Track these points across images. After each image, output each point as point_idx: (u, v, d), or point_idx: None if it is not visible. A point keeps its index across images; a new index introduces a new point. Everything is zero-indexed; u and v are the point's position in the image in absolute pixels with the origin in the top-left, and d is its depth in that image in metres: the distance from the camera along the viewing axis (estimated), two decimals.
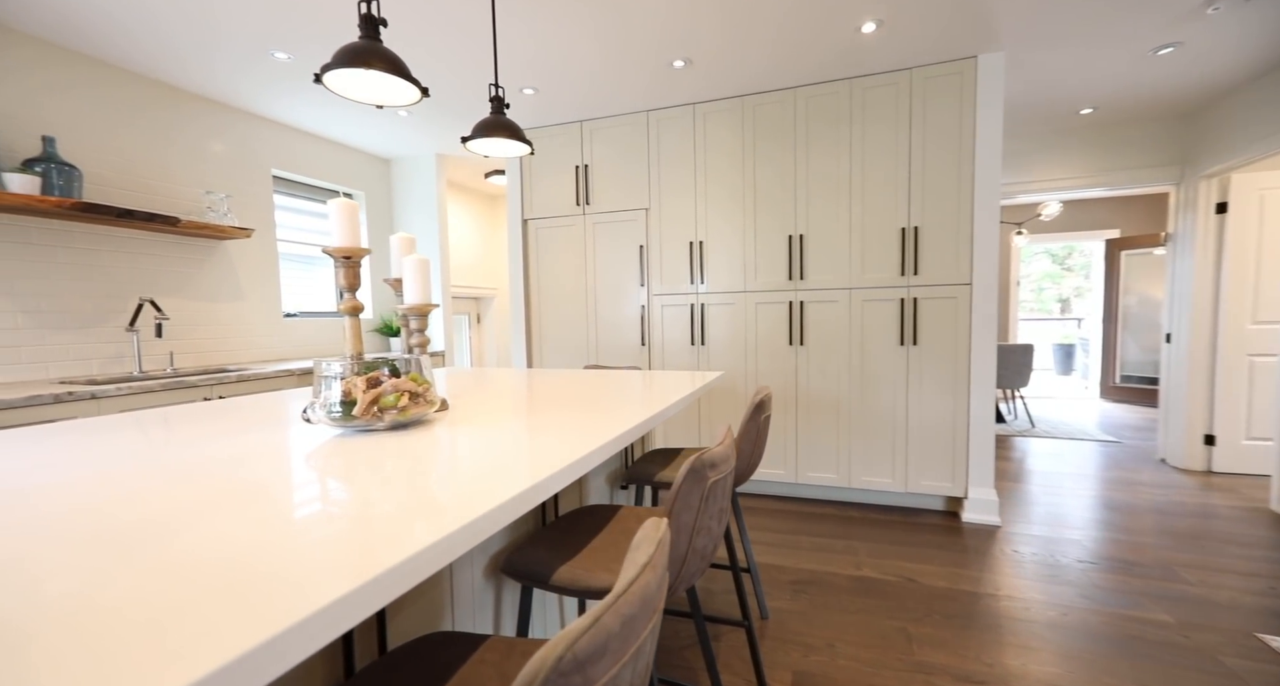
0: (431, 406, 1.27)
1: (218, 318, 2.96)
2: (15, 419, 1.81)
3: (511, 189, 3.44)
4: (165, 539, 0.58)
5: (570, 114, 3.16)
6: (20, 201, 2.04)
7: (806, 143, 2.84)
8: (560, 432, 1.11)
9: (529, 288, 3.45)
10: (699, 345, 3.11)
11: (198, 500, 0.71)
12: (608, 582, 1.03)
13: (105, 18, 2.13)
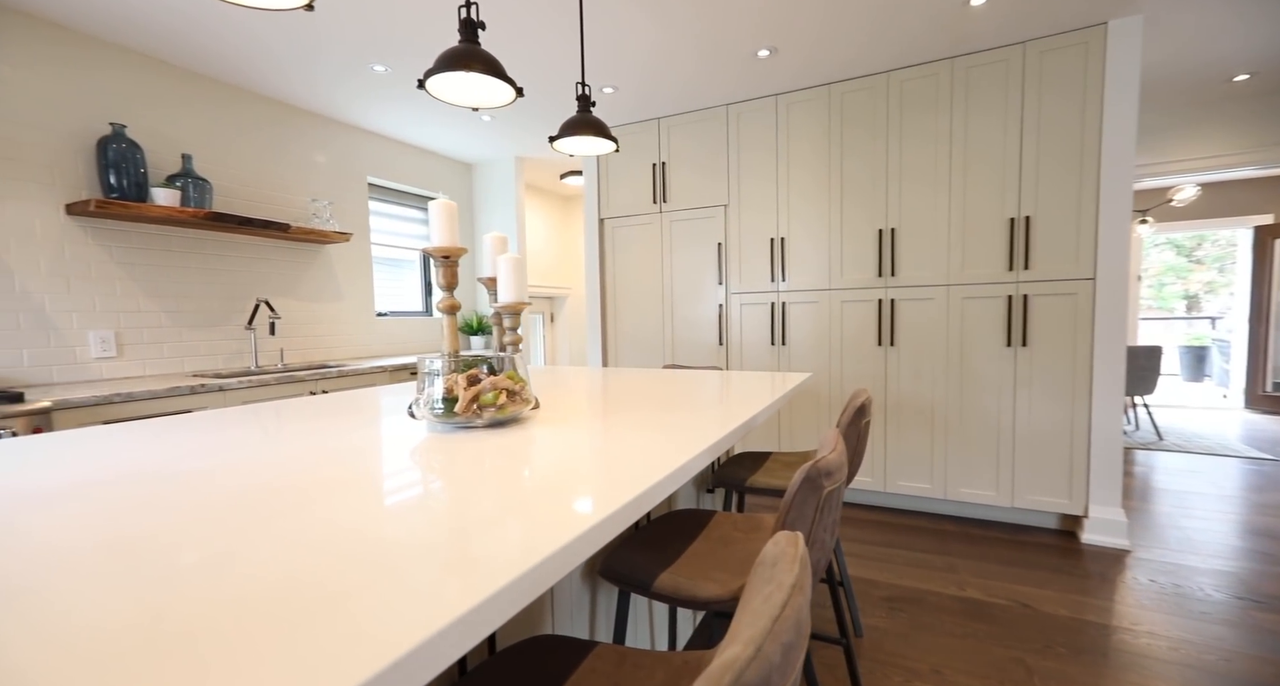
0: (527, 405, 1.27)
1: (320, 317, 3.18)
2: (160, 407, 2.01)
3: (589, 188, 3.47)
4: (360, 528, 0.59)
5: (648, 111, 3.14)
6: (164, 213, 2.26)
7: (900, 130, 2.66)
8: (656, 434, 1.07)
9: (605, 287, 3.47)
10: (779, 345, 2.99)
11: (357, 495, 0.73)
12: (713, 593, 0.99)
13: (228, 46, 2.33)
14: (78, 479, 0.81)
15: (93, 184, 2.27)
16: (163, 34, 2.25)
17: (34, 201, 2.12)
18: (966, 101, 2.53)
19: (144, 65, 2.41)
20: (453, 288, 1.44)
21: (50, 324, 2.17)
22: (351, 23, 2.20)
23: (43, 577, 0.50)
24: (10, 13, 2.05)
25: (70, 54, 2.20)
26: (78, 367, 2.24)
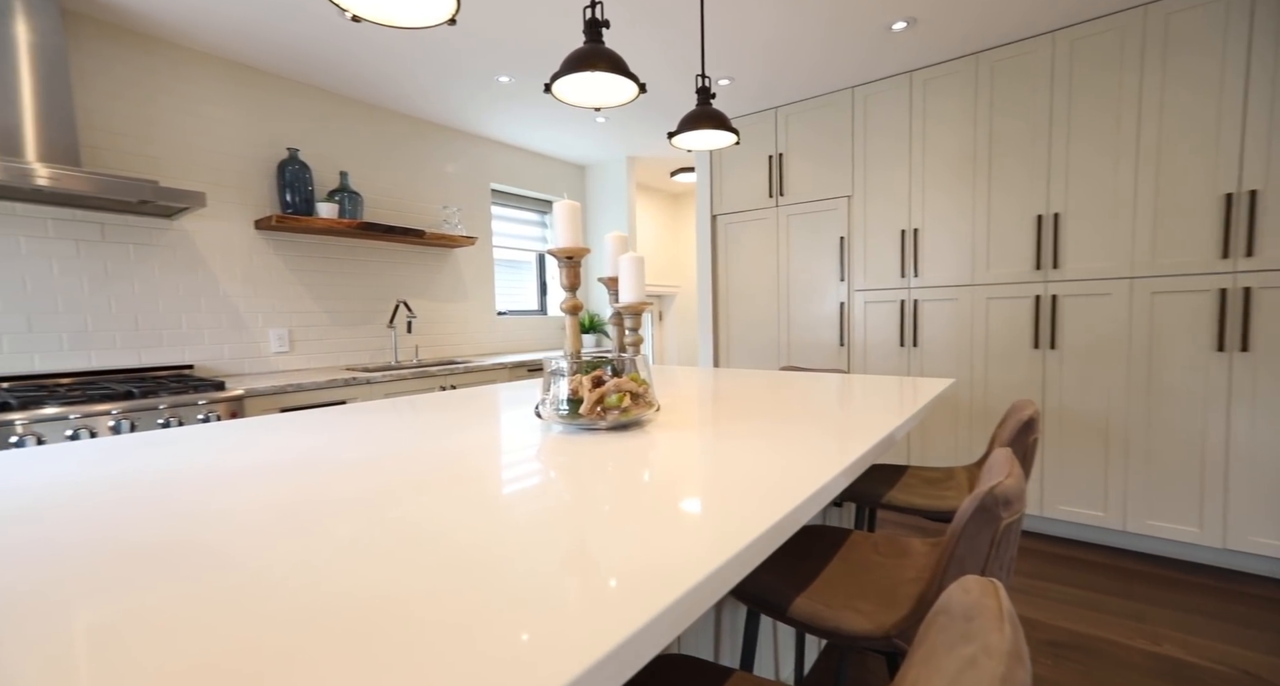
0: (650, 408, 1.24)
1: (448, 315, 3.42)
2: (321, 397, 2.27)
3: (700, 184, 3.40)
4: (493, 539, 0.59)
5: (765, 101, 3.00)
6: (326, 224, 2.55)
7: (1067, 98, 2.28)
8: (789, 444, 0.98)
9: (717, 285, 3.38)
10: (909, 346, 2.72)
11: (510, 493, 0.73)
12: (860, 627, 0.88)
13: (378, 73, 2.56)
14: (262, 462, 0.90)
15: (273, 201, 2.61)
16: (326, 67, 2.53)
17: (232, 219, 2.48)
18: (1164, 55, 2.11)
19: (311, 95, 2.74)
20: (575, 288, 1.44)
21: (242, 323, 2.53)
22: (482, 37, 2.32)
23: (237, 546, 0.54)
24: (213, 60, 2.42)
25: (256, 90, 2.55)
26: (261, 361, 2.60)
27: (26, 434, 1.58)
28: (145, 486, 0.79)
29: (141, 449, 1.02)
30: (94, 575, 0.51)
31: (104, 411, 1.71)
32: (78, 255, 2.10)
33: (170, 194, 1.96)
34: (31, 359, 2.01)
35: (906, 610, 0.91)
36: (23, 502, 0.73)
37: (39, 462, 0.93)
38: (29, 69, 1.82)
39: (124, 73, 2.19)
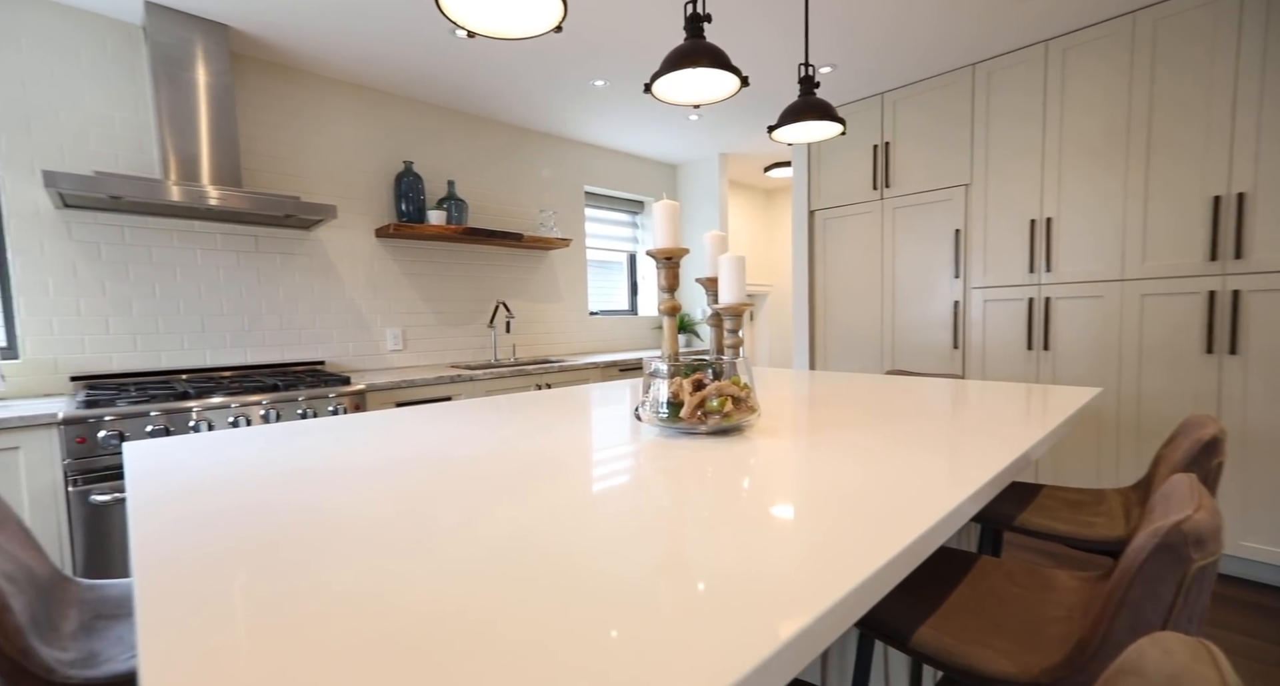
0: (752, 413, 1.19)
1: (542, 316, 3.54)
2: (431, 392, 2.43)
3: (798, 179, 3.26)
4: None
5: (869, 87, 2.81)
6: (436, 231, 2.73)
7: (1261, 49, 1.92)
8: (908, 456, 0.89)
9: (814, 284, 3.23)
10: (1038, 350, 2.43)
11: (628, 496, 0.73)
12: (1000, 669, 0.78)
13: (482, 85, 2.70)
14: (386, 457, 0.96)
15: (390, 211, 2.84)
16: (438, 84, 2.71)
17: (357, 228, 2.73)
18: None
19: (425, 111, 2.94)
20: (674, 289, 1.42)
21: (364, 323, 2.77)
22: (580, 43, 2.36)
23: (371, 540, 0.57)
24: (343, 85, 2.66)
25: (378, 110, 2.78)
26: (378, 358, 2.83)
27: (200, 419, 1.82)
28: (294, 473, 0.87)
29: (293, 437, 1.13)
30: (249, 534, 0.56)
31: (256, 401, 1.93)
32: (238, 264, 2.39)
33: (308, 208, 2.19)
34: (204, 354, 2.33)
35: (1059, 656, 0.79)
36: (222, 475, 0.82)
37: (219, 446, 1.06)
38: (205, 107, 2.10)
39: (273, 103, 2.47)
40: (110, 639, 0.89)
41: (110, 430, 1.67)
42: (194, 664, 0.38)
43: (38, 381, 1.99)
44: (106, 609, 0.96)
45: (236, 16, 2.10)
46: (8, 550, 0.80)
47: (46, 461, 1.62)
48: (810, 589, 0.47)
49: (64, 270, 2.03)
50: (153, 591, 0.49)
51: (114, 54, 2.10)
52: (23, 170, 1.95)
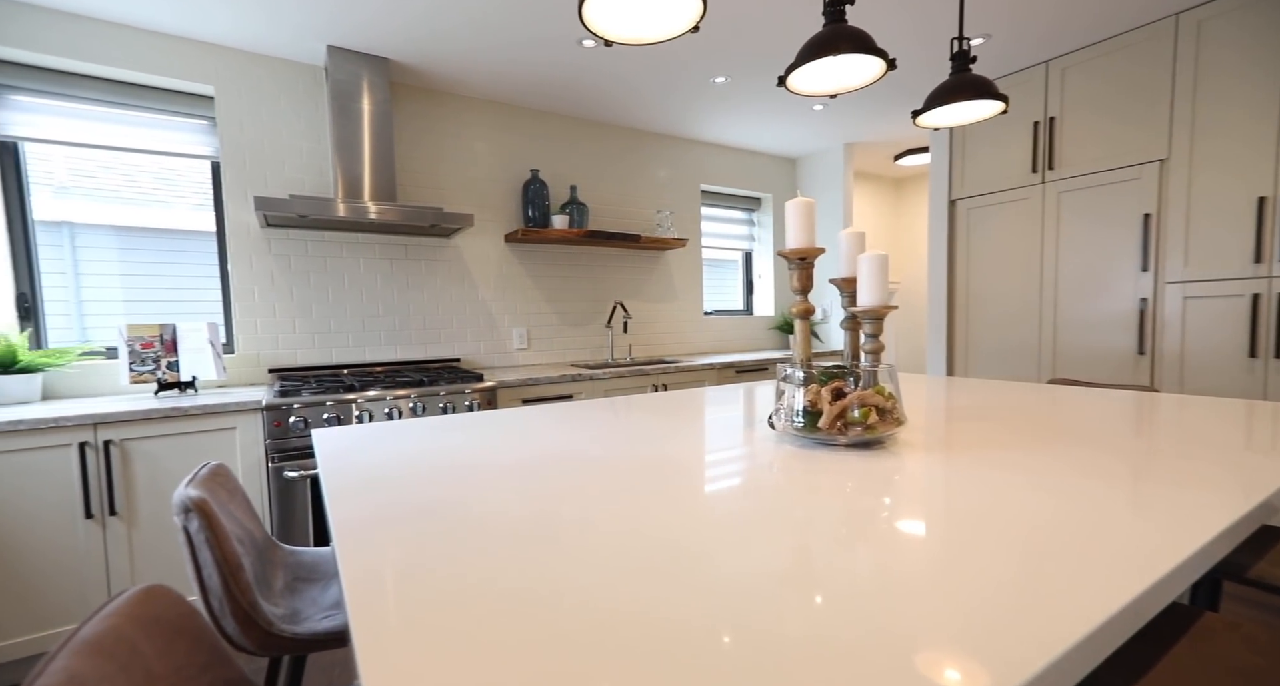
0: (898, 425, 1.09)
1: (658, 316, 3.57)
2: (554, 390, 2.54)
3: (936, 166, 2.97)
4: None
5: (1029, 55, 2.47)
6: (559, 235, 2.86)
7: None
8: (1103, 483, 0.75)
9: (953, 280, 2.92)
10: (1266, 357, 1.98)
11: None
12: None
13: (603, 91, 2.78)
14: (523, 457, 1.01)
15: (518, 217, 3.02)
16: (562, 93, 2.83)
17: (489, 235, 2.94)
18: None
19: (548, 120, 3.09)
20: (807, 291, 1.34)
21: (494, 323, 2.98)
22: (703, 40, 2.34)
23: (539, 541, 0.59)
24: (477, 101, 2.88)
25: (508, 121, 2.97)
26: (506, 356, 3.03)
27: (362, 410, 2.07)
28: (451, 468, 0.94)
29: (445, 432, 1.23)
30: (398, 522, 0.60)
31: (405, 395, 2.15)
32: (391, 271, 2.68)
33: (449, 217, 2.39)
34: (363, 351, 2.64)
35: None
36: (392, 471, 0.92)
37: (384, 438, 1.19)
38: (368, 132, 2.38)
39: (421, 123, 2.73)
40: (307, 600, 1.02)
41: (297, 417, 1.95)
42: (393, 634, 0.43)
43: (247, 372, 2.38)
44: (303, 572, 1.10)
45: (395, 50, 2.34)
46: (238, 518, 0.95)
47: (254, 440, 1.93)
48: (982, 649, 0.41)
49: (265, 279, 2.40)
50: (355, 574, 0.54)
51: (303, 94, 2.44)
52: (238, 197, 2.34)
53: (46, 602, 1.66)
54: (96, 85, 2.14)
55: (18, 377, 1.89)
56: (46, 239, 2.14)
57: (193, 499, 0.81)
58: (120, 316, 2.24)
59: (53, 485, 1.66)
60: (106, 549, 1.73)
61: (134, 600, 0.53)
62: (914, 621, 0.44)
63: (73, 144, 2.13)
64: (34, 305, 2.12)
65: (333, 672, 1.72)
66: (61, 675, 0.42)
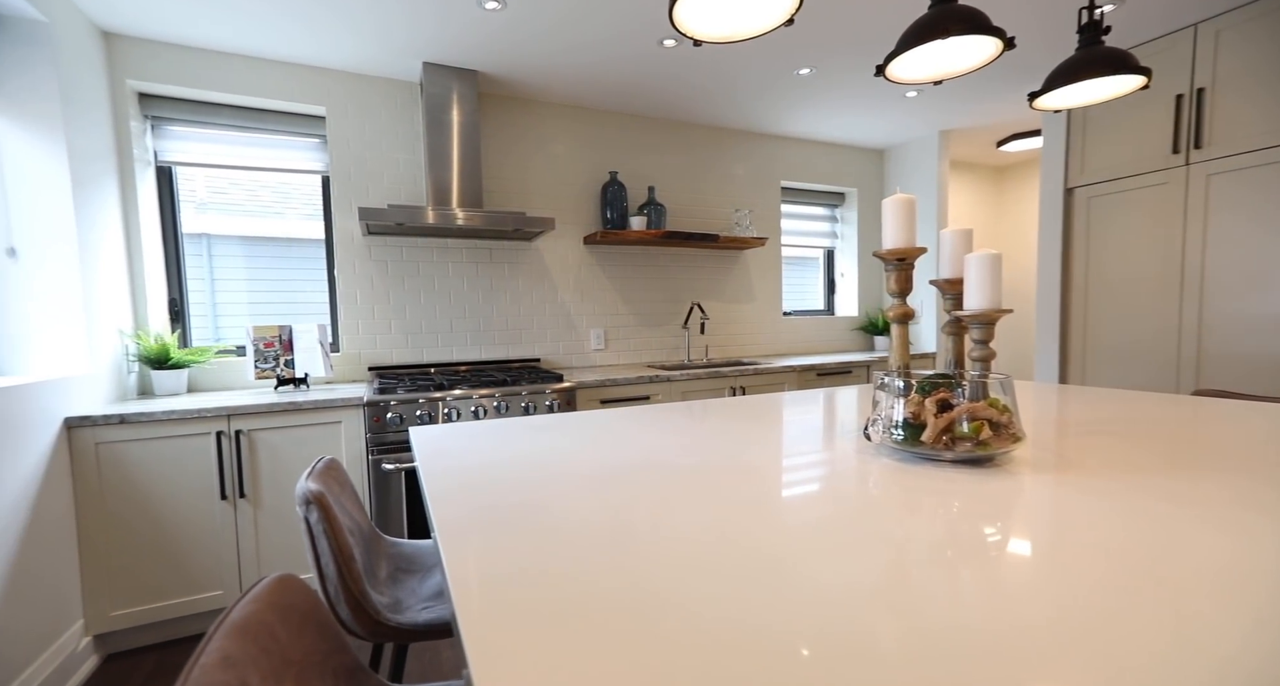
0: (1015, 442, 0.98)
1: (735, 316, 3.50)
2: (630, 392, 2.55)
3: (1049, 151, 2.69)
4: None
5: (1169, 20, 2.17)
6: (637, 236, 2.87)
7: None
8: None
9: (1070, 276, 2.64)
10: None
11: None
12: None
13: (681, 89, 2.75)
14: (608, 461, 1.01)
15: (596, 219, 3.06)
16: (638, 94, 2.83)
17: (568, 237, 3.00)
18: None
19: (626, 122, 3.11)
20: (907, 293, 1.26)
21: (572, 324, 3.04)
22: (789, 32, 2.25)
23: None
24: (558, 107, 2.94)
25: (587, 126, 3.02)
26: (583, 356, 3.08)
27: (450, 408, 2.17)
28: (532, 471, 0.95)
29: (528, 432, 1.26)
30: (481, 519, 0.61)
31: (490, 394, 2.24)
32: (477, 274, 2.81)
33: (531, 221, 2.46)
34: (450, 351, 2.78)
35: None
36: (490, 472, 0.95)
37: (475, 437, 1.24)
38: (457, 142, 2.50)
39: (506, 132, 2.83)
40: (407, 590, 1.08)
41: (394, 413, 2.08)
42: (496, 629, 0.45)
43: (350, 370, 2.57)
44: (403, 563, 1.17)
45: (483, 62, 2.44)
46: (349, 510, 1.02)
47: (356, 434, 2.08)
48: None
49: (366, 283, 2.59)
50: (459, 572, 0.56)
51: (400, 110, 2.61)
52: (344, 208, 2.53)
53: (191, 571, 1.88)
54: (230, 112, 2.39)
55: (170, 372, 2.15)
56: (190, 249, 2.42)
57: (312, 492, 0.87)
58: (245, 318, 2.50)
59: (196, 469, 1.87)
60: (237, 527, 1.93)
61: (271, 588, 0.58)
62: (1033, 666, 0.39)
63: (212, 166, 2.40)
64: (182, 308, 2.40)
65: (424, 659, 1.82)
66: (218, 654, 0.47)
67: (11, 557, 1.49)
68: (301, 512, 0.89)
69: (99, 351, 1.95)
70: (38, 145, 1.79)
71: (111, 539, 1.79)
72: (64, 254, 1.84)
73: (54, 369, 1.83)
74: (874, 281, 3.98)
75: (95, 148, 1.99)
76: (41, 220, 1.81)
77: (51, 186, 1.81)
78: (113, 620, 1.80)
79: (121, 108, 2.16)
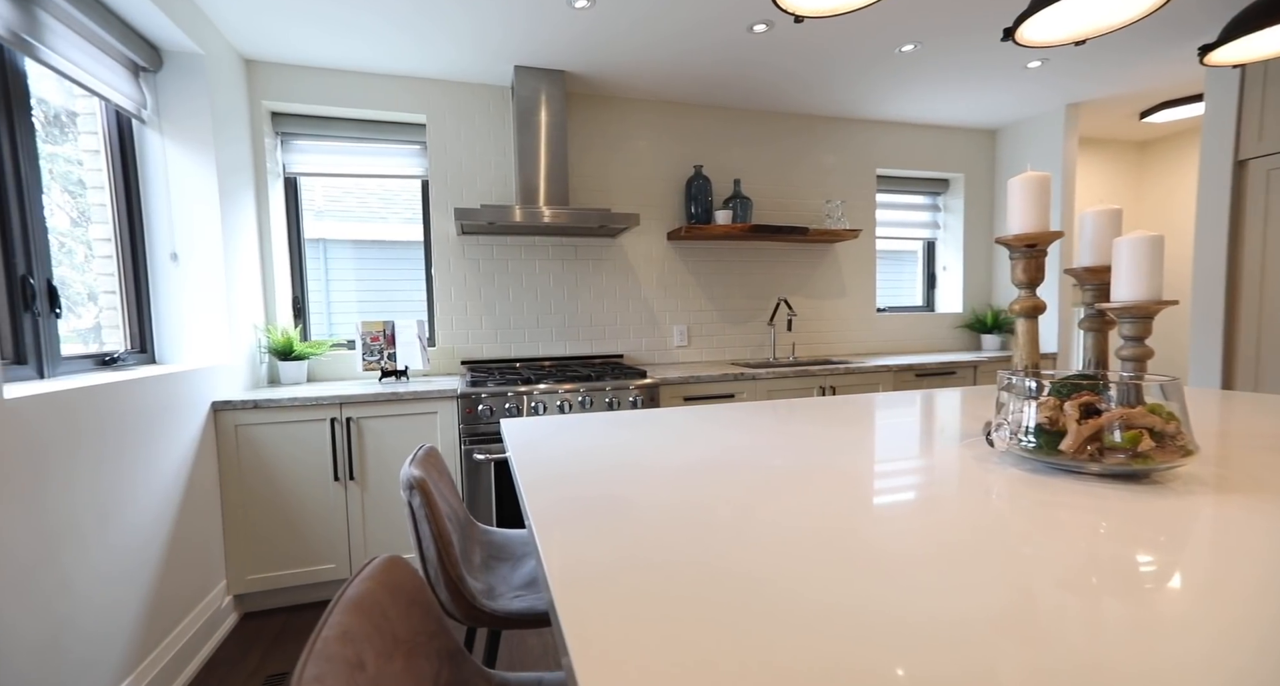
0: (1186, 456, 0.83)
1: (823, 313, 3.33)
2: (714, 389, 2.50)
3: (1213, 118, 2.31)
4: None
5: None
6: (723, 230, 2.81)
7: None
8: None
9: (1238, 264, 2.25)
10: None
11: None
12: None
13: (768, 76, 2.64)
14: (697, 459, 0.96)
15: (679, 214, 3.02)
16: (724, 85, 2.76)
17: (651, 233, 2.99)
18: None
19: (710, 114, 3.04)
20: (1036, 284, 1.12)
21: (655, 320, 3.03)
22: (890, 5, 2.09)
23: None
24: (641, 103, 2.93)
25: (671, 119, 2.98)
26: (666, 353, 3.06)
27: (537, 402, 2.23)
28: (621, 466, 0.93)
29: (614, 427, 1.25)
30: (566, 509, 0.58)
31: (574, 389, 2.27)
32: (563, 271, 2.87)
33: (616, 217, 2.46)
34: (536, 346, 2.86)
35: None
36: (579, 463, 0.95)
37: (564, 430, 1.24)
38: (545, 142, 2.56)
39: (592, 129, 2.87)
40: (499, 576, 1.10)
41: (485, 405, 2.17)
42: (593, 619, 0.43)
43: (445, 363, 2.72)
44: (495, 551, 1.20)
45: (570, 62, 2.48)
46: (447, 496, 1.06)
47: (451, 424, 2.19)
48: None
49: (459, 281, 2.72)
50: (556, 562, 0.54)
51: (493, 114, 2.72)
52: (441, 209, 2.68)
53: (311, 543, 2.07)
54: (345, 125, 2.60)
55: (293, 364, 2.38)
56: (309, 253, 2.67)
57: (416, 478, 0.91)
58: (354, 315, 2.71)
59: (313, 450, 2.05)
60: (347, 507, 2.10)
61: (382, 568, 0.60)
62: None
63: (329, 175, 2.63)
64: (303, 305, 2.65)
65: (510, 645, 1.87)
66: (338, 628, 0.48)
67: (173, 520, 1.70)
68: (405, 496, 0.93)
69: (238, 344, 2.19)
70: (194, 161, 2.04)
71: (248, 510, 2.01)
72: (212, 257, 2.08)
73: (203, 358, 2.08)
74: (980, 275, 3.63)
75: (237, 162, 2.24)
76: (196, 228, 2.06)
77: (204, 199, 2.05)
78: (249, 583, 2.01)
79: (258, 125, 2.41)
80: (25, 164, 1.47)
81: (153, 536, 1.61)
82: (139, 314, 1.99)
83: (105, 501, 1.43)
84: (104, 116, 1.88)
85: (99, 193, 1.91)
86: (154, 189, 2.01)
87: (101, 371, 1.70)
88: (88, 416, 1.37)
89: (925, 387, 2.88)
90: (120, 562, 1.47)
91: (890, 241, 3.58)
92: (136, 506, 1.55)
